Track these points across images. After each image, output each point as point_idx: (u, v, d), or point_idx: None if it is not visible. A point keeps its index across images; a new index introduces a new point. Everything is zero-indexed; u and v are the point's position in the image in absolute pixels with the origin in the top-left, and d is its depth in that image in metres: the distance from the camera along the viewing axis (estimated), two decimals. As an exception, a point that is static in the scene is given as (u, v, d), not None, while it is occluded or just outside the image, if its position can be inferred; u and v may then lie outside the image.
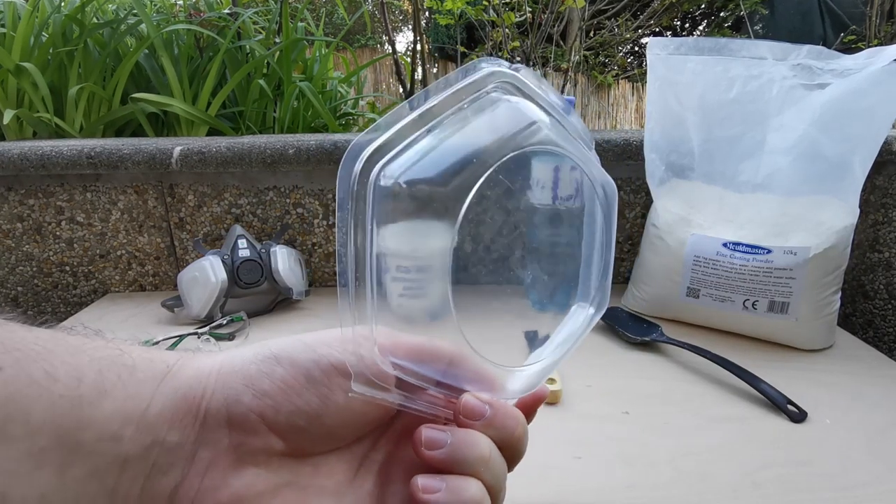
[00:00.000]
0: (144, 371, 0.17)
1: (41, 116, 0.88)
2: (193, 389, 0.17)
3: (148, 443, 0.16)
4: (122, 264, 0.76)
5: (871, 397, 0.46)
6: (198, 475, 0.16)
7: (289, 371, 0.17)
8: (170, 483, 0.16)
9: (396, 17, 4.91)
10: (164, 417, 0.16)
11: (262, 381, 0.17)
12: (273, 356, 0.18)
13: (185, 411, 0.16)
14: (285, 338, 0.19)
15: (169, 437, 0.16)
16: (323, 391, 0.17)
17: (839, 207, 0.53)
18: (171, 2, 1.23)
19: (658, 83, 0.61)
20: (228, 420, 0.17)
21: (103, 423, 0.15)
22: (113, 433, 0.15)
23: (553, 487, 0.36)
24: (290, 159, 0.70)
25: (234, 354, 0.18)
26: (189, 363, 0.18)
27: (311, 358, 0.17)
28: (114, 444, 0.15)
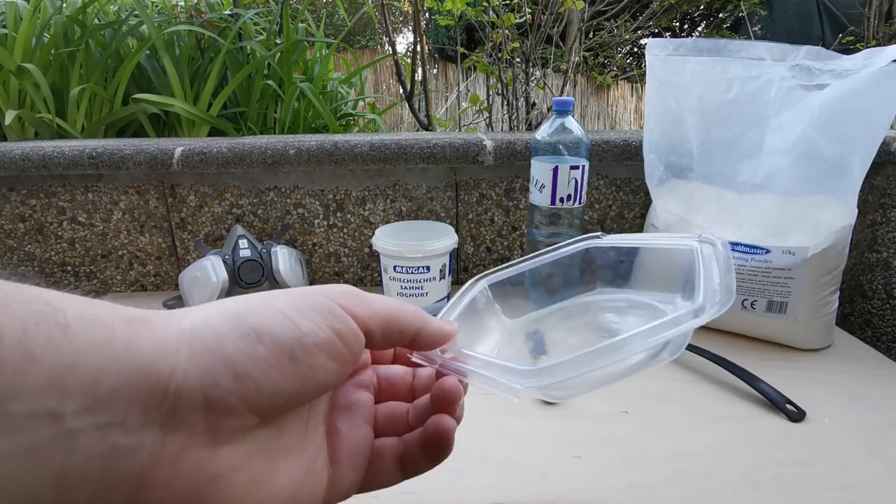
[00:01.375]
0: (83, 335, 0.14)
1: (43, 117, 0.88)
2: (157, 366, 0.15)
3: (100, 423, 0.14)
4: (123, 264, 0.76)
5: (869, 397, 0.46)
6: (170, 460, 0.15)
7: (271, 351, 0.16)
8: (135, 467, 0.14)
9: (396, 18, 4.92)
10: (119, 396, 0.14)
11: (243, 361, 0.16)
12: (253, 331, 0.16)
13: (148, 391, 0.15)
14: (258, 299, 0.17)
15: (129, 420, 0.14)
16: (305, 371, 0.17)
17: (837, 208, 0.53)
18: (172, 3, 1.23)
19: (657, 84, 0.61)
20: (205, 403, 0.15)
21: (35, 395, 0.13)
22: (50, 409, 0.13)
23: (553, 487, 0.36)
24: (291, 160, 0.70)
25: (203, 324, 0.16)
26: (144, 332, 0.15)
27: (295, 336, 0.16)
28: (52, 421, 0.13)
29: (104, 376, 0.14)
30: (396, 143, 0.70)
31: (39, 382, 0.13)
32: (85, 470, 0.14)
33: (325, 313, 0.17)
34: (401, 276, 0.61)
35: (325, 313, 0.17)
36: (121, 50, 0.99)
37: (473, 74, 3.22)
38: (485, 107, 1.19)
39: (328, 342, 0.17)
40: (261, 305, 0.17)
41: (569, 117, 0.60)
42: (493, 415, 0.45)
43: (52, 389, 0.13)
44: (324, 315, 0.17)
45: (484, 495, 0.36)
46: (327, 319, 0.17)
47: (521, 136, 0.72)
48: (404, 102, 1.23)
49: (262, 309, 0.17)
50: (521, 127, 1.09)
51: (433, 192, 0.74)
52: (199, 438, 0.15)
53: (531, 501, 0.35)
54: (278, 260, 0.64)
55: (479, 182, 0.74)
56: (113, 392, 0.14)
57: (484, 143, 0.70)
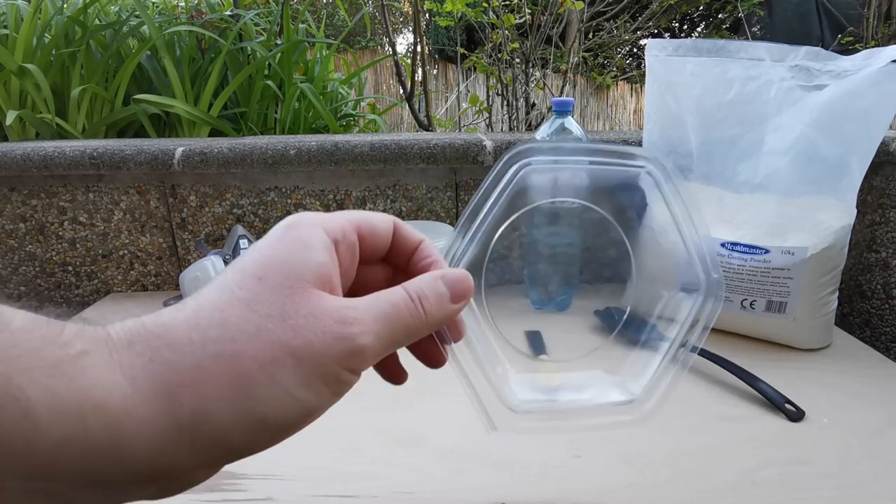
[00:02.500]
0: (54, 430, 0.13)
1: (44, 117, 0.88)
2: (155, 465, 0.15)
3: (103, 494, 0.15)
4: (124, 264, 0.76)
5: (868, 396, 0.47)
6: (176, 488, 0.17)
7: (276, 434, 0.17)
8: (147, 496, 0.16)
9: (396, 18, 4.92)
10: (114, 483, 0.15)
11: (249, 448, 0.17)
12: (260, 423, 0.16)
13: (146, 481, 0.16)
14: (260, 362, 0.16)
15: (132, 489, 0.16)
16: (300, 428, 0.18)
17: (837, 208, 0.53)
18: (173, 3, 1.23)
19: (656, 84, 0.61)
20: (207, 470, 0.17)
21: (21, 481, 0.13)
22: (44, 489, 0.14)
23: (553, 487, 0.36)
24: (292, 160, 0.70)
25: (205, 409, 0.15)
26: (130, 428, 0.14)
27: (302, 415, 0.17)
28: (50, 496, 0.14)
29: (94, 471, 0.14)
30: (396, 144, 0.70)
31: (25, 471, 0.13)
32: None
33: (332, 383, 0.17)
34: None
35: (332, 383, 0.17)
36: (121, 50, 0.99)
37: (473, 75, 3.22)
38: (485, 107, 1.20)
39: (331, 403, 0.17)
40: (266, 381, 0.16)
41: (568, 118, 0.61)
42: (493, 415, 0.45)
43: (41, 478, 0.13)
44: (330, 385, 0.17)
45: (484, 495, 0.36)
46: (332, 387, 0.17)
47: (520, 137, 0.72)
48: (404, 103, 1.23)
49: (268, 388, 0.16)
50: (520, 127, 1.09)
51: (433, 192, 0.74)
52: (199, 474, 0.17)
53: (531, 501, 0.35)
54: (279, 260, 0.64)
55: (479, 182, 0.74)
56: (108, 482, 0.14)
57: (484, 144, 0.70)
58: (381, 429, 0.43)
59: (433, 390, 0.28)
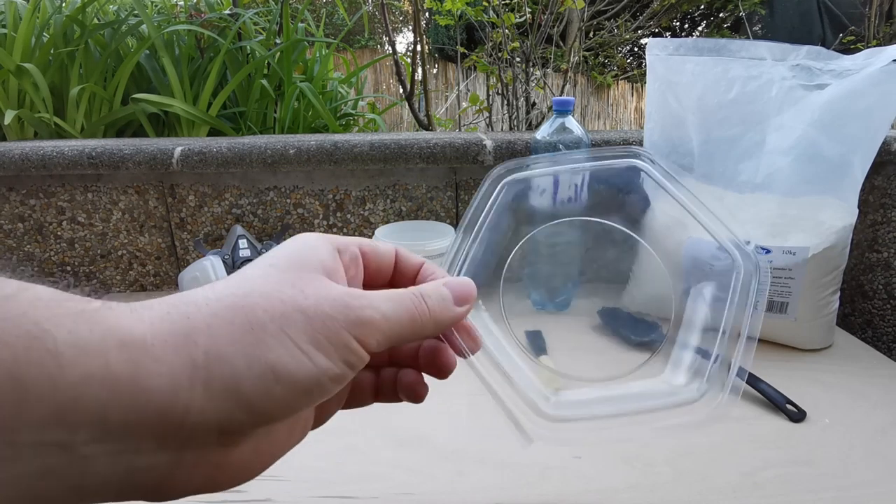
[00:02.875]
0: (78, 367, 0.14)
1: (42, 117, 0.88)
2: (171, 404, 0.15)
3: (113, 450, 0.14)
4: (123, 264, 0.76)
5: (869, 397, 0.46)
6: (186, 469, 0.16)
7: (288, 391, 0.16)
8: (153, 479, 0.15)
9: (396, 17, 4.92)
10: (131, 429, 0.14)
11: (261, 401, 0.16)
12: (271, 371, 0.16)
13: (162, 425, 0.15)
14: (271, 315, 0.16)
15: (144, 446, 0.15)
16: (314, 400, 0.17)
17: (838, 207, 0.53)
18: (171, 2, 1.23)
19: (657, 84, 0.61)
20: (219, 430, 0.16)
21: (38, 428, 0.13)
22: (57, 441, 0.13)
23: (553, 487, 0.36)
24: (291, 160, 0.70)
25: (219, 354, 0.16)
26: (147, 363, 0.15)
27: (312, 375, 0.17)
28: (63, 450, 0.14)
29: (111, 411, 0.14)
30: (396, 143, 0.70)
31: (42, 416, 0.13)
32: (103, 486, 0.15)
33: (340, 346, 0.17)
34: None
35: (340, 346, 0.17)
36: (120, 50, 0.99)
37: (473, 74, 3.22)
38: (485, 106, 1.19)
39: (342, 375, 0.17)
40: (276, 331, 0.16)
41: (569, 117, 0.60)
42: (493, 415, 0.44)
43: (57, 423, 0.13)
44: (339, 349, 0.17)
45: (484, 495, 0.36)
46: (342, 353, 0.17)
47: (521, 136, 0.72)
48: (404, 102, 1.23)
49: (279, 338, 0.16)
50: (521, 127, 1.09)
51: (433, 192, 0.74)
52: (212, 449, 0.16)
53: (531, 502, 0.35)
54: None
55: (479, 182, 0.74)
56: (124, 425, 0.14)
57: (484, 143, 0.70)
58: (381, 429, 0.43)
59: (433, 390, 0.28)
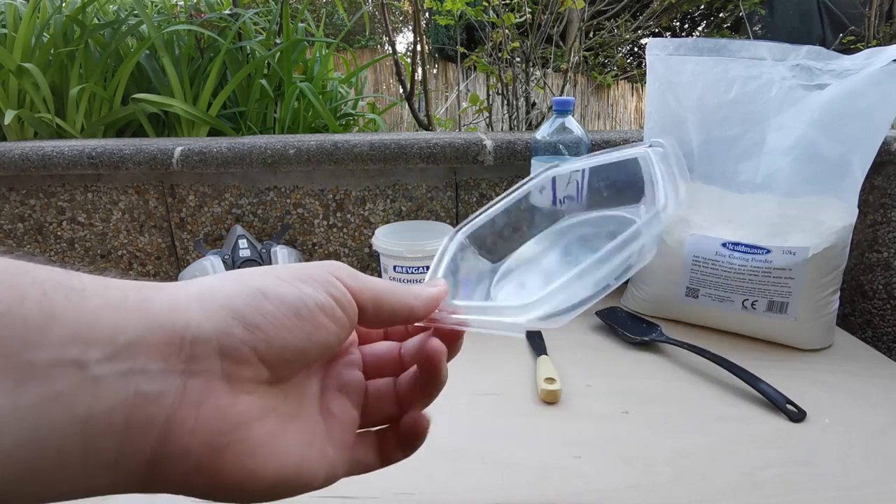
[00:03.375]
0: (98, 297, 0.15)
1: (42, 117, 0.88)
2: (172, 321, 0.16)
3: (122, 370, 0.15)
4: (122, 264, 0.76)
5: (869, 397, 0.46)
6: (192, 405, 0.16)
7: (278, 307, 0.18)
8: (160, 413, 0.15)
9: (396, 17, 4.91)
10: (138, 346, 0.15)
11: (253, 315, 0.17)
12: (260, 291, 0.18)
13: (166, 341, 0.16)
14: (259, 270, 0.19)
15: (150, 366, 0.15)
16: (308, 328, 0.18)
17: (838, 207, 0.53)
18: (171, 2, 1.23)
19: (657, 84, 0.61)
20: (220, 351, 0.16)
21: (57, 347, 0.14)
22: (73, 359, 0.14)
23: (553, 487, 0.36)
24: (291, 160, 0.70)
25: (211, 287, 0.18)
26: (155, 294, 0.17)
27: (298, 296, 0.18)
28: (76, 370, 0.14)
29: (122, 329, 0.15)
30: (396, 143, 0.70)
31: (61, 336, 0.14)
32: (111, 417, 0.15)
33: (322, 281, 0.19)
34: (401, 276, 0.61)
35: (322, 281, 0.19)
36: (120, 50, 0.99)
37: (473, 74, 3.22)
38: (485, 106, 1.19)
39: (328, 305, 0.19)
40: (263, 274, 0.19)
41: (569, 117, 0.60)
42: (492, 415, 0.44)
43: (74, 341, 0.14)
44: (322, 283, 0.19)
45: (484, 495, 0.36)
46: (325, 286, 0.19)
47: (521, 136, 0.72)
48: (404, 102, 1.23)
49: (265, 276, 0.19)
50: (521, 127, 1.09)
51: (433, 192, 0.74)
52: (217, 385, 0.16)
53: (531, 502, 0.35)
54: (278, 260, 0.64)
55: (479, 182, 0.74)
56: (132, 342, 0.15)
57: (484, 143, 0.70)
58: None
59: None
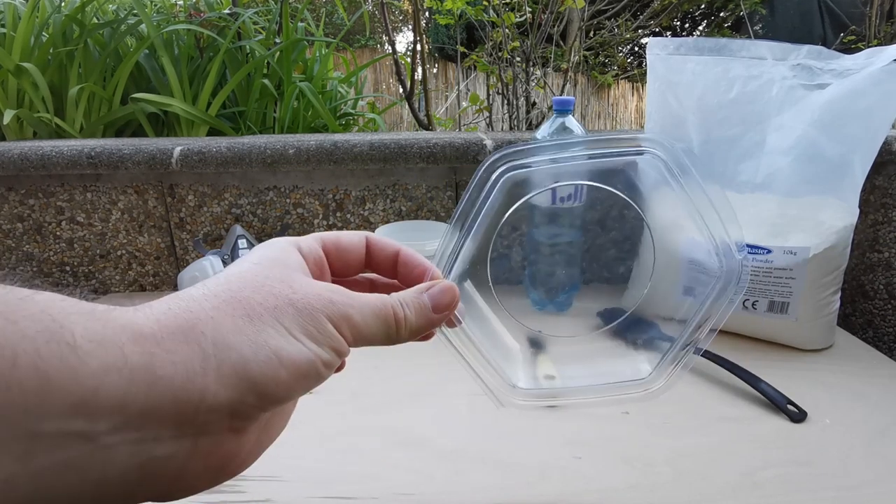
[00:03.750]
0: (96, 358, 0.14)
1: (41, 116, 0.88)
2: (187, 391, 0.16)
3: (134, 438, 0.15)
4: (122, 264, 0.76)
5: (870, 397, 0.46)
6: (202, 457, 0.17)
7: (292, 374, 0.18)
8: (172, 468, 0.16)
9: (396, 17, 4.91)
10: (150, 417, 0.15)
11: (267, 385, 0.17)
12: (276, 356, 0.17)
13: (179, 412, 0.16)
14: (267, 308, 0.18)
15: (162, 434, 0.16)
16: (311, 383, 0.19)
17: (839, 207, 0.53)
18: (171, 2, 1.23)
19: (658, 83, 0.61)
20: (231, 413, 0.17)
21: (63, 417, 0.13)
22: (80, 430, 0.14)
23: (553, 487, 0.36)
24: (291, 159, 0.70)
25: (226, 342, 0.17)
26: (161, 353, 0.16)
27: (309, 360, 0.18)
28: (85, 440, 0.14)
29: (130, 399, 0.15)
30: (396, 143, 0.70)
31: (64, 406, 0.13)
32: (124, 477, 0.15)
33: (327, 335, 0.19)
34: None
35: (327, 335, 0.19)
36: (119, 49, 0.99)
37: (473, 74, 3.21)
38: (485, 106, 1.19)
39: (331, 361, 0.19)
40: (273, 322, 0.18)
41: (569, 116, 0.60)
42: (493, 415, 0.44)
43: (79, 413, 0.14)
44: (326, 337, 0.19)
45: (484, 495, 0.36)
46: (328, 341, 0.19)
47: (521, 136, 0.72)
48: (404, 102, 1.23)
49: (276, 329, 0.18)
50: (521, 126, 1.08)
51: (433, 192, 0.74)
52: (225, 437, 0.18)
53: (531, 502, 0.35)
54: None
55: (479, 182, 0.74)
56: (143, 413, 0.15)
57: (484, 143, 0.70)
58: (381, 430, 0.43)
59: (433, 391, 0.27)
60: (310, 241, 0.23)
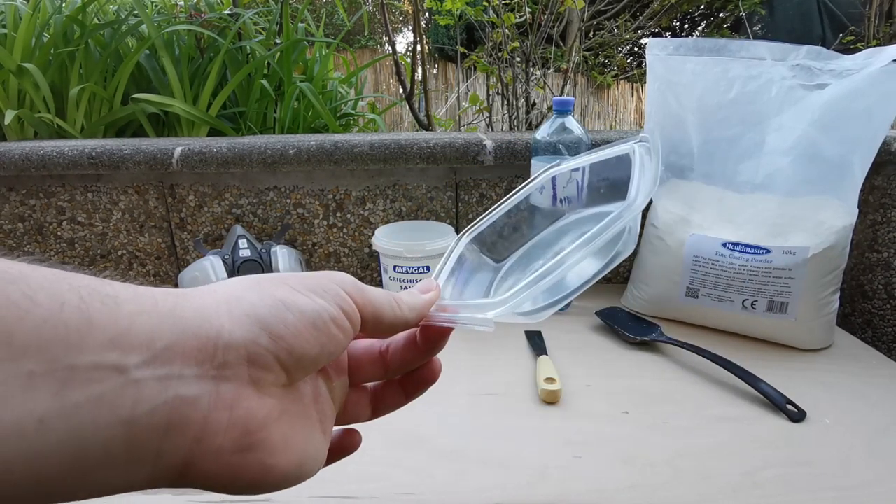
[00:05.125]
0: (131, 303, 0.16)
1: (42, 117, 0.88)
2: (205, 329, 0.17)
3: (161, 374, 0.16)
4: (122, 264, 0.76)
5: (869, 397, 0.46)
6: (225, 408, 0.17)
7: (298, 319, 0.19)
8: (198, 415, 0.17)
9: (396, 17, 4.91)
10: (174, 352, 0.17)
11: (277, 325, 0.19)
12: (281, 303, 0.19)
13: (199, 348, 0.17)
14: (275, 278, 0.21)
15: (186, 372, 0.17)
16: (322, 339, 0.20)
17: (838, 207, 0.53)
18: (171, 2, 1.23)
19: (657, 84, 0.61)
20: (248, 358, 0.18)
21: (99, 351, 0.15)
22: (113, 362, 0.15)
23: (553, 487, 0.36)
24: (291, 160, 0.70)
25: (234, 295, 0.19)
26: (184, 301, 0.18)
27: (314, 309, 0.20)
28: (117, 374, 0.15)
29: (157, 335, 0.16)
30: (396, 143, 0.70)
31: (101, 341, 0.15)
32: (152, 418, 0.16)
33: (333, 294, 0.21)
34: (401, 276, 0.61)
35: (333, 294, 0.21)
36: (120, 50, 0.99)
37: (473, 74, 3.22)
38: (485, 106, 1.19)
39: (339, 317, 0.21)
40: (278, 284, 0.20)
41: (569, 117, 0.60)
42: (492, 415, 0.44)
43: (114, 347, 0.15)
44: (333, 296, 0.21)
45: (484, 495, 0.36)
46: (336, 299, 0.21)
47: (521, 136, 0.72)
48: (404, 102, 1.23)
49: (281, 286, 0.20)
50: (521, 127, 1.09)
51: (433, 192, 0.74)
52: (245, 389, 0.18)
53: (531, 502, 0.35)
54: (278, 260, 0.64)
55: (479, 182, 0.74)
56: (168, 348, 0.16)
57: (484, 143, 0.70)
58: (381, 429, 0.43)
59: (433, 390, 0.28)
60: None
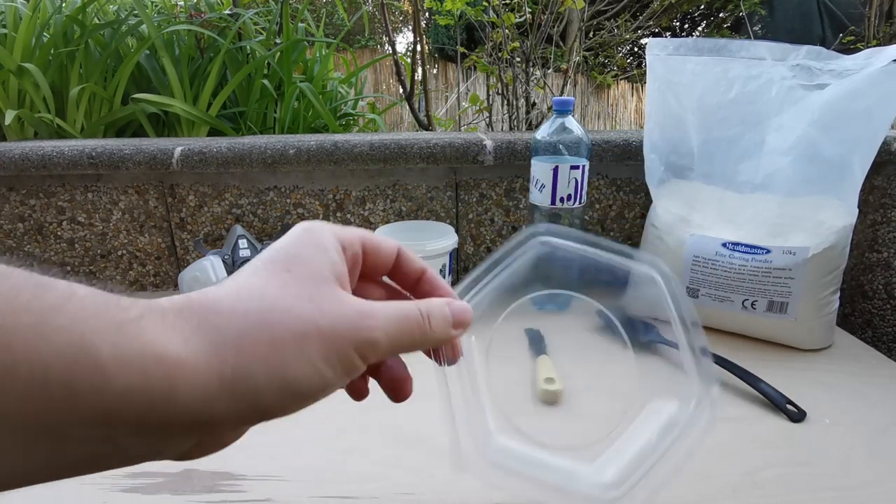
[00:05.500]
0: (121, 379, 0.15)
1: (42, 117, 0.88)
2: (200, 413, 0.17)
3: (149, 441, 0.17)
4: (123, 264, 0.76)
5: (869, 397, 0.46)
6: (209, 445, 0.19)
7: (299, 402, 0.19)
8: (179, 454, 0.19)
9: (396, 17, 4.91)
10: (164, 430, 0.17)
11: (275, 411, 0.19)
12: (289, 389, 0.18)
13: (191, 426, 0.18)
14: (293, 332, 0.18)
15: (176, 438, 0.18)
16: (311, 403, 0.20)
17: (838, 207, 0.53)
18: (171, 2, 1.23)
19: (657, 84, 0.61)
20: (236, 427, 0.19)
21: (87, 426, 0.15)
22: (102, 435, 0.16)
23: (553, 486, 0.36)
24: (291, 159, 0.70)
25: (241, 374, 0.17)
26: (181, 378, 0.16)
27: (321, 387, 0.19)
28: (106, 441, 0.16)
29: (148, 418, 0.16)
30: (396, 143, 0.70)
31: (89, 417, 0.15)
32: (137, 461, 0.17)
33: (346, 362, 0.19)
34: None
35: (346, 362, 0.19)
36: (120, 50, 0.99)
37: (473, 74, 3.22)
38: (485, 106, 1.19)
39: (340, 385, 0.20)
40: (296, 350, 0.18)
41: (569, 117, 0.60)
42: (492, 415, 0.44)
43: (102, 424, 0.15)
44: (346, 368, 0.19)
45: (484, 495, 0.36)
46: (346, 367, 0.19)
47: (521, 136, 0.72)
48: (404, 102, 1.23)
49: (297, 357, 0.18)
50: (521, 127, 1.09)
51: (433, 192, 0.74)
52: (226, 434, 0.19)
53: (531, 502, 0.35)
54: (278, 260, 0.64)
55: (479, 182, 0.74)
56: (159, 428, 0.16)
57: (484, 143, 0.70)
58: (381, 429, 0.43)
59: (433, 390, 0.28)
60: (354, 240, 0.23)
